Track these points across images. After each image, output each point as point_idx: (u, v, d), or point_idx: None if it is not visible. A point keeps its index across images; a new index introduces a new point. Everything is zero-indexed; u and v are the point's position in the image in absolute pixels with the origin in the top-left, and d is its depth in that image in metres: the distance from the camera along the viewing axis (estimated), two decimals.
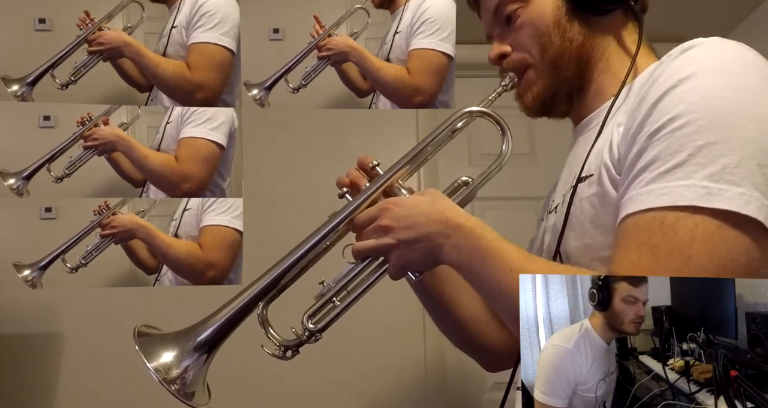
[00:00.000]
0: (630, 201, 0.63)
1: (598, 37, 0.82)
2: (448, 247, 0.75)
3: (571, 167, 0.83)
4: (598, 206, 0.70)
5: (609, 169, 0.69)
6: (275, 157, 1.82)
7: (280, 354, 0.80)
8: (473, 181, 0.89)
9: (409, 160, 0.87)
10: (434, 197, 0.80)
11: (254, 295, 0.80)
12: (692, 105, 0.61)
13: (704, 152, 0.59)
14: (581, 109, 0.86)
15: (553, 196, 0.91)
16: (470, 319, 0.97)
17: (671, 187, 0.59)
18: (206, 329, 0.78)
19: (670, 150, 0.60)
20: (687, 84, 0.62)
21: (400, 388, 1.66)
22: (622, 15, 0.83)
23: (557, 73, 0.83)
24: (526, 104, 0.87)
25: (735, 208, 0.57)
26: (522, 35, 0.84)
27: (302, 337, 0.80)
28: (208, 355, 0.77)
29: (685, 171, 0.59)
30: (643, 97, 0.66)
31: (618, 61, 0.82)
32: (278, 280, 0.81)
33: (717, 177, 0.58)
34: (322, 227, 0.83)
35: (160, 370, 0.73)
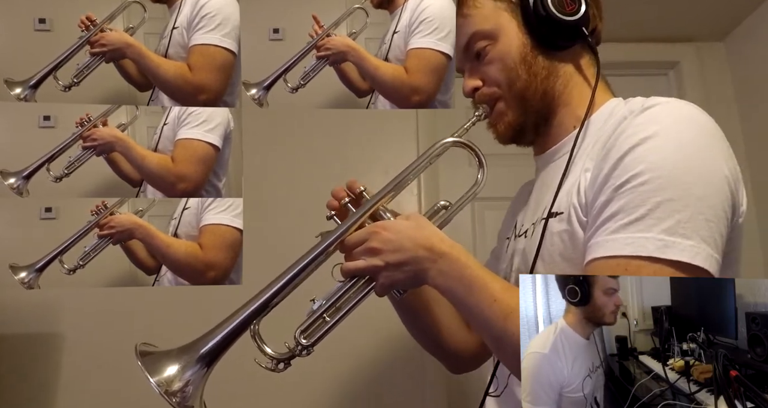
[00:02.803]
0: (597, 246, 0.71)
1: (560, 70, 0.91)
2: (433, 272, 0.83)
3: (541, 195, 0.91)
4: (567, 242, 0.79)
5: (577, 211, 0.78)
6: (275, 156, 1.82)
7: (272, 366, 0.86)
8: (451, 205, 0.96)
9: (393, 187, 0.94)
10: (419, 222, 0.87)
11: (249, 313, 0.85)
12: (652, 164, 0.70)
13: (662, 208, 0.68)
14: (545, 139, 0.95)
15: (519, 218, 0.99)
16: (442, 326, 1.05)
17: (634, 238, 0.68)
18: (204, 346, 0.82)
19: (633, 204, 0.69)
20: (648, 143, 0.71)
21: (400, 389, 1.66)
22: (580, 48, 0.92)
23: (525, 105, 0.91)
24: (498, 133, 0.95)
25: (686, 259, 0.66)
26: (491, 70, 0.92)
27: (295, 351, 0.86)
28: (207, 370, 0.82)
29: (645, 224, 0.68)
30: (610, 149, 0.75)
31: (578, 94, 0.91)
32: (271, 299, 0.86)
33: (672, 231, 0.67)
34: (314, 248, 0.89)
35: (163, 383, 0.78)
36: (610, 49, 1.03)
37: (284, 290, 0.86)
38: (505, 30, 0.90)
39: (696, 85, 1.95)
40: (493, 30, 0.91)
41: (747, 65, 1.89)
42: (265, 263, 1.66)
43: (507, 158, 1.14)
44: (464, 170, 1.88)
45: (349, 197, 0.95)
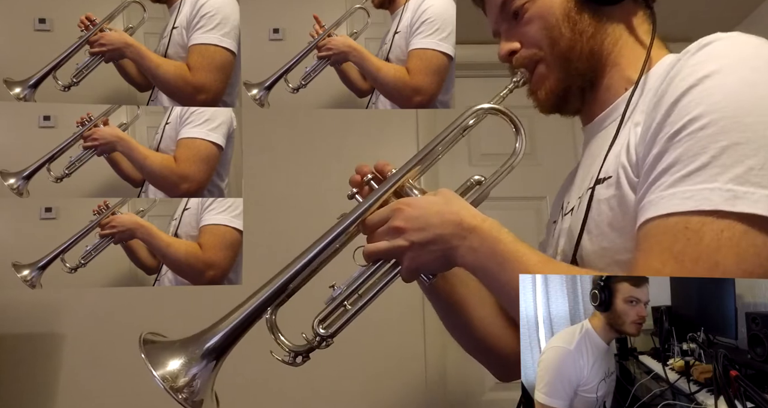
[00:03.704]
0: (651, 205, 0.61)
1: (609, 28, 0.80)
2: (463, 249, 0.73)
3: (587, 168, 0.82)
4: (616, 209, 0.69)
5: (627, 171, 0.68)
6: (275, 156, 1.82)
7: (290, 360, 0.78)
8: (486, 180, 0.85)
9: (420, 160, 0.84)
10: (447, 197, 0.77)
11: (263, 300, 0.77)
12: (713, 105, 0.59)
13: (728, 153, 0.57)
14: (593, 106, 0.84)
15: (566, 197, 0.88)
16: (482, 323, 0.94)
17: (694, 191, 0.57)
18: (214, 336, 0.75)
19: (692, 152, 0.58)
20: (707, 82, 0.60)
21: (401, 389, 1.66)
22: (632, 4, 0.81)
23: (569, 67, 0.81)
24: (539, 100, 0.85)
25: (762, 211, 0.55)
26: (531, 30, 0.82)
27: (313, 343, 0.78)
28: (217, 362, 0.75)
29: (708, 173, 0.57)
30: (662, 95, 0.64)
31: (630, 52, 0.80)
32: (287, 283, 0.78)
33: (742, 179, 0.56)
34: (333, 229, 0.80)
35: (167, 378, 0.70)
36: None
37: (300, 274, 0.78)
38: None
39: None
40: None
41: None
42: (265, 263, 1.66)
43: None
44: (464, 170, 1.89)
45: (372, 174, 0.86)
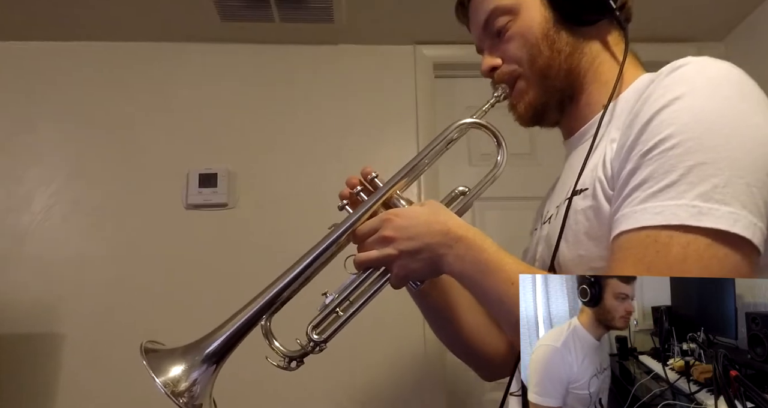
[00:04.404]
0: (624, 218, 0.65)
1: (586, 47, 0.85)
2: (450, 257, 0.77)
3: (566, 180, 0.85)
4: (593, 219, 0.73)
5: (603, 184, 0.71)
6: (274, 156, 1.83)
7: (284, 365, 0.81)
8: (470, 190, 0.90)
9: (407, 172, 0.88)
10: (434, 208, 0.82)
11: (258, 308, 0.80)
12: (682, 126, 0.63)
13: (694, 172, 0.61)
14: (573, 120, 0.88)
15: (546, 207, 0.93)
16: (468, 326, 0.99)
17: (664, 207, 0.62)
18: (212, 343, 0.78)
19: (662, 170, 0.63)
20: (677, 104, 0.64)
21: (400, 388, 1.66)
22: (607, 24, 0.85)
23: (547, 83, 0.85)
24: (519, 113, 0.89)
25: (724, 226, 0.59)
26: (512, 47, 0.86)
27: (307, 348, 0.82)
28: (215, 368, 0.78)
29: (676, 191, 0.61)
30: (636, 114, 0.68)
31: (607, 70, 0.84)
32: (281, 292, 0.81)
33: (707, 196, 0.60)
34: (324, 239, 0.84)
35: (169, 383, 0.73)
36: None
37: (293, 284, 0.81)
38: (527, 5, 0.85)
39: None
40: (513, 5, 0.86)
41: (747, 65, 1.87)
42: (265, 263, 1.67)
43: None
44: (464, 170, 1.88)
45: (362, 185, 0.90)
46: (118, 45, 1.88)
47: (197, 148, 1.82)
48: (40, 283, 1.68)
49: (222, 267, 1.71)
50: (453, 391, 1.71)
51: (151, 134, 1.83)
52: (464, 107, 1.92)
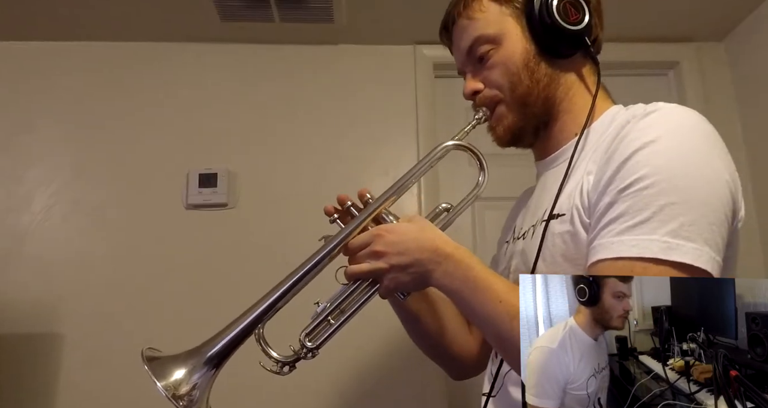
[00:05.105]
0: (602, 247, 0.72)
1: (562, 78, 0.91)
2: (438, 273, 0.83)
3: (540, 200, 0.92)
4: (569, 243, 0.79)
5: (580, 212, 0.78)
6: (274, 156, 1.83)
7: (277, 370, 0.87)
8: (453, 208, 0.97)
9: (395, 191, 0.94)
10: (421, 225, 0.88)
11: (255, 317, 0.85)
12: (656, 168, 0.71)
13: (665, 211, 0.69)
14: (546, 144, 0.95)
15: (518, 222, 1.00)
16: (445, 330, 1.05)
17: (638, 240, 0.69)
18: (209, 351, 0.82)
19: (637, 207, 0.70)
20: (652, 147, 0.72)
21: (400, 388, 1.66)
22: (581, 57, 0.93)
23: (526, 110, 0.91)
24: (498, 136, 0.95)
25: (690, 260, 0.67)
26: (493, 74, 0.92)
27: (300, 354, 0.87)
28: (213, 374, 0.82)
29: (649, 227, 0.69)
30: (613, 152, 0.76)
31: (580, 100, 0.91)
32: (277, 302, 0.86)
33: (675, 233, 0.68)
34: (318, 252, 0.89)
35: (170, 387, 0.77)
36: (609, 49, 1.03)
37: (288, 293, 0.86)
38: (510, 35, 0.91)
39: (695, 85, 1.95)
40: (497, 35, 0.91)
41: (747, 65, 1.89)
42: (265, 263, 1.67)
43: (507, 158, 1.14)
44: (464, 170, 1.88)
45: (351, 201, 0.96)
46: (118, 45, 1.88)
47: (197, 148, 1.82)
48: (40, 283, 1.68)
49: (222, 267, 1.71)
50: (453, 390, 1.71)
51: (152, 134, 1.83)
52: (464, 107, 1.92)
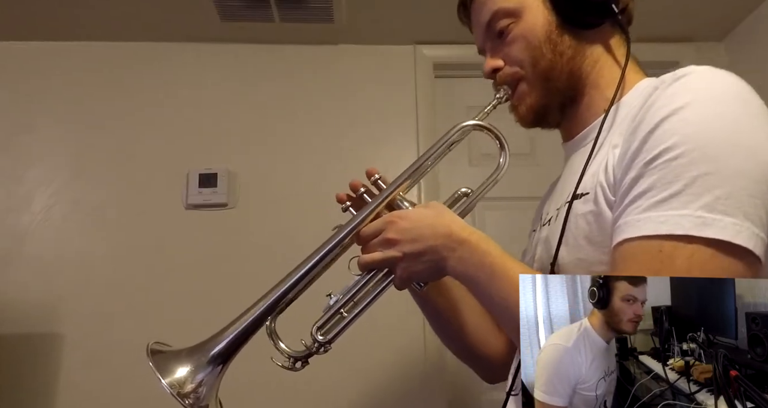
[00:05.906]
0: (628, 226, 0.65)
1: (588, 50, 0.85)
2: (453, 260, 0.78)
3: (566, 183, 0.85)
4: (593, 224, 0.72)
5: (605, 189, 0.71)
6: (274, 156, 1.83)
7: (289, 365, 0.82)
8: (473, 192, 0.91)
9: (410, 174, 0.89)
10: (438, 210, 0.82)
11: (264, 309, 0.81)
12: (686, 136, 0.63)
13: (698, 183, 0.61)
14: (573, 123, 0.88)
15: (545, 208, 0.93)
16: (469, 327, 0.99)
17: (668, 216, 0.62)
18: (217, 344, 0.78)
19: (666, 179, 0.63)
20: (681, 114, 0.65)
21: (400, 388, 1.66)
22: (609, 27, 0.85)
23: (549, 86, 0.85)
24: (520, 115, 0.89)
25: (727, 237, 0.60)
26: (514, 49, 0.86)
27: (312, 349, 0.82)
28: (221, 369, 0.78)
29: (680, 201, 0.62)
30: (639, 122, 0.68)
31: (608, 74, 0.84)
32: (287, 293, 0.82)
33: (710, 207, 0.60)
34: (329, 241, 0.84)
35: (175, 385, 0.73)
36: None
37: (298, 285, 0.82)
38: (530, 7, 0.85)
39: None
40: (516, 7, 0.85)
41: (747, 65, 1.89)
42: (266, 263, 1.67)
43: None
44: (464, 170, 1.88)
45: (365, 187, 0.91)
46: (118, 45, 1.88)
47: (197, 148, 1.82)
48: (40, 283, 1.68)
49: (222, 267, 1.71)
50: (453, 390, 1.71)
51: (152, 134, 1.83)
52: (464, 107, 1.93)
